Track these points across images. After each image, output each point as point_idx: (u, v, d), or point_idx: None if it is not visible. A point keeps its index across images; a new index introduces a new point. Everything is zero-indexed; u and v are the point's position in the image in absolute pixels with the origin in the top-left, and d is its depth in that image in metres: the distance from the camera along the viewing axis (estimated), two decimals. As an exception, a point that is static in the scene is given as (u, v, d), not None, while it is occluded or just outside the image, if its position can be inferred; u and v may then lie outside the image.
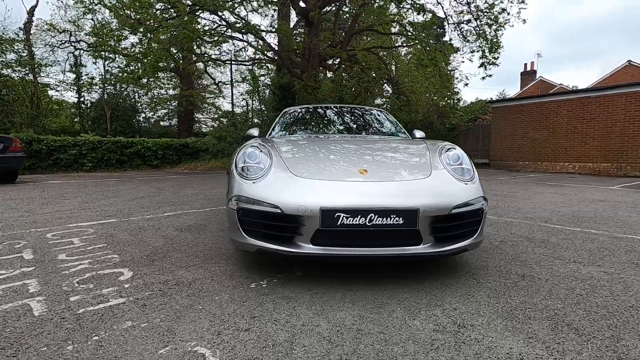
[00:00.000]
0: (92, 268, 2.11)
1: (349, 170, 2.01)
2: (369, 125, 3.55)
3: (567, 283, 1.93)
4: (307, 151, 2.40)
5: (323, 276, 1.99)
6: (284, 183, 1.91)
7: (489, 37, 10.83)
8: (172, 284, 1.87)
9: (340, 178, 1.91)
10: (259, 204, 1.84)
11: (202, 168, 12.04)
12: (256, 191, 1.88)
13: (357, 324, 1.46)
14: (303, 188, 1.85)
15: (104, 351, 1.25)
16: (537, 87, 27.61)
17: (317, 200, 1.75)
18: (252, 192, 1.89)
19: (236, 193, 1.94)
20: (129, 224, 3.33)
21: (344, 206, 1.71)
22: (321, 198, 1.76)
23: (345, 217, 1.71)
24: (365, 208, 1.71)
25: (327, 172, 1.99)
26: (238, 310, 1.58)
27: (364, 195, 1.77)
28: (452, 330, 1.42)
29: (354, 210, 1.71)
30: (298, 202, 1.76)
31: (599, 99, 11.17)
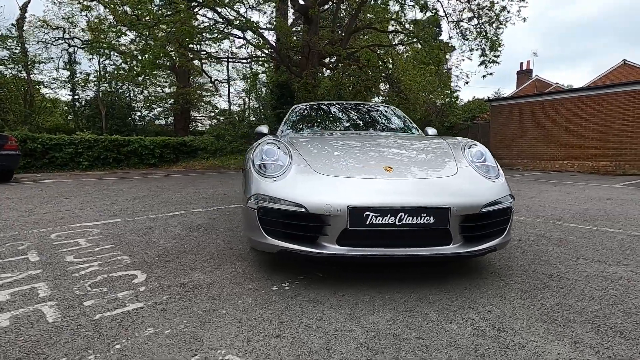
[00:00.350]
0: (103, 270, 2.01)
1: (373, 167, 1.93)
2: (381, 121, 3.47)
3: (598, 283, 1.87)
4: (325, 148, 2.32)
5: (345, 277, 1.92)
6: (307, 181, 1.83)
7: (490, 35, 10.81)
8: (190, 287, 1.79)
9: (366, 175, 1.84)
10: (281, 203, 1.76)
11: (200, 167, 11.90)
12: (278, 189, 1.80)
13: (393, 328, 1.39)
14: (328, 186, 1.77)
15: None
16: (533, 86, 27.75)
17: (344, 199, 1.67)
18: (273, 190, 1.81)
19: (256, 192, 1.86)
20: (134, 223, 3.23)
21: (373, 205, 1.64)
22: (348, 196, 1.68)
23: (375, 216, 1.63)
24: (395, 207, 1.64)
25: (351, 170, 1.91)
26: (264, 314, 1.50)
27: (393, 194, 1.70)
28: (493, 334, 1.35)
29: (383, 209, 1.63)
30: (324, 200, 1.68)
31: (597, 97, 11.22)
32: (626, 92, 10.64)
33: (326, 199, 1.69)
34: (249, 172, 2.04)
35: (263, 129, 3.35)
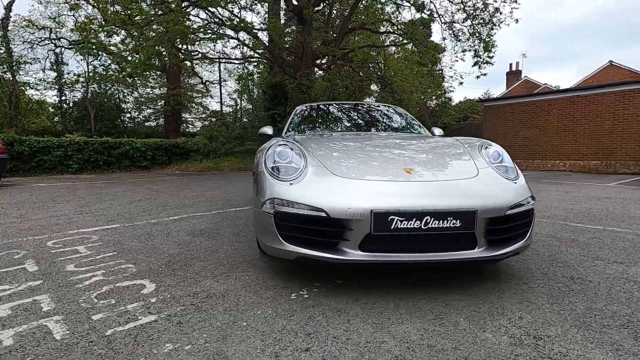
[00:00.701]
0: (109, 280, 1.91)
1: (393, 169, 1.87)
2: (388, 122, 3.41)
3: (621, 285, 1.84)
4: (338, 149, 2.25)
5: (364, 284, 1.85)
6: (326, 184, 1.76)
7: (483, 36, 10.89)
8: (204, 297, 1.70)
9: (387, 178, 1.77)
10: (300, 207, 1.68)
11: (193, 169, 11.71)
12: (296, 193, 1.72)
13: (426, 339, 1.32)
14: (349, 189, 1.70)
15: (151, 382, 1.07)
16: (523, 87, 28.15)
17: (367, 203, 1.60)
18: (290, 194, 1.73)
19: (271, 195, 1.77)
20: (134, 229, 3.11)
21: (398, 208, 1.57)
22: (371, 200, 1.61)
23: (400, 220, 1.57)
24: (420, 210, 1.57)
25: (370, 172, 1.84)
26: (288, 326, 1.42)
27: (417, 196, 1.64)
28: (531, 343, 1.30)
29: (409, 212, 1.57)
30: (346, 204, 1.61)
31: (588, 97, 11.40)
32: (616, 93, 10.83)
33: (348, 202, 1.61)
34: (261, 175, 1.96)
35: (267, 130, 3.27)
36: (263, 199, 1.82)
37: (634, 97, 10.55)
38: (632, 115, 10.62)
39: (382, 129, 3.27)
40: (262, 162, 2.03)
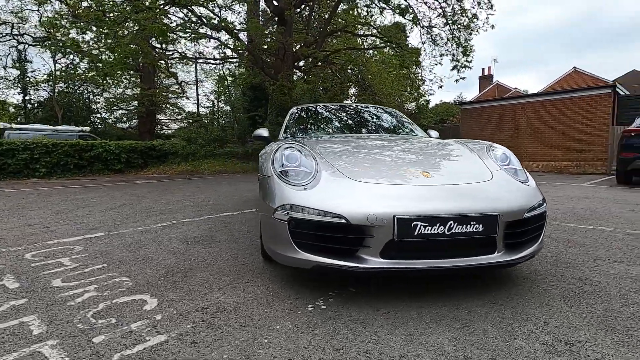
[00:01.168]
0: (104, 296, 1.74)
1: (409, 172, 1.82)
2: (390, 124, 3.38)
3: (630, 285, 1.87)
4: (348, 152, 2.18)
5: (380, 292, 1.79)
6: (343, 189, 1.68)
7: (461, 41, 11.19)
8: (214, 312, 1.57)
9: (406, 182, 1.72)
10: (317, 214, 1.59)
11: (172, 172, 11.30)
12: (312, 199, 1.64)
13: (461, 350, 1.27)
14: (368, 194, 1.63)
15: (177, 415, 0.96)
16: (494, 91, 29.22)
17: (389, 208, 1.54)
18: (306, 200, 1.64)
19: (284, 201, 1.68)
20: (121, 237, 2.91)
21: (422, 213, 1.52)
22: (393, 205, 1.55)
23: (423, 225, 1.51)
24: (444, 215, 1.53)
25: (387, 175, 1.78)
26: (313, 341, 1.33)
27: (440, 201, 1.59)
28: (565, 349, 1.27)
29: (433, 217, 1.52)
30: (367, 210, 1.54)
31: (558, 101, 11.95)
32: (584, 97, 11.41)
33: (369, 208, 1.55)
34: (270, 179, 1.86)
35: (263, 132, 3.16)
36: (274, 204, 1.72)
37: (600, 102, 11.15)
38: (598, 118, 11.21)
39: (384, 131, 3.23)
40: (269, 165, 1.93)
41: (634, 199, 5.11)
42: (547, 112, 12.21)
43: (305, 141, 2.42)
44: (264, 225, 1.90)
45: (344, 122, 3.38)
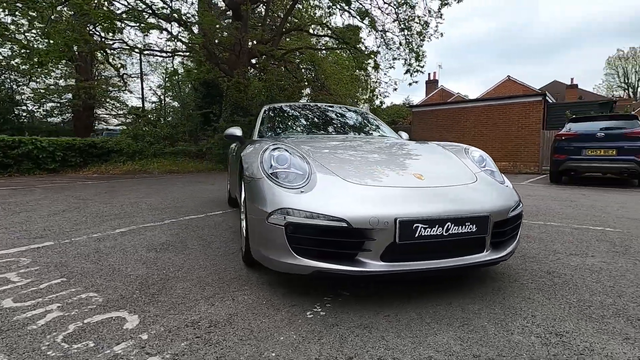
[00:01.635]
0: (71, 316, 1.53)
1: (402, 174, 1.83)
2: (365, 126, 3.39)
3: (590, 276, 2.07)
4: (336, 154, 2.14)
5: (375, 294, 1.78)
6: (340, 191, 1.65)
7: (414, 47, 11.72)
8: (207, 326, 1.46)
9: (402, 184, 1.73)
10: (316, 218, 1.54)
11: (117, 172, 10.41)
12: (310, 202, 1.58)
13: (468, 348, 1.31)
14: (368, 197, 1.61)
15: None
16: (440, 95, 31.10)
17: (390, 210, 1.54)
18: (304, 203, 1.58)
19: (280, 205, 1.60)
20: (75, 247, 2.59)
21: (422, 215, 1.54)
22: (394, 207, 1.55)
23: (424, 227, 1.53)
24: (444, 217, 1.56)
25: (381, 178, 1.78)
26: (324, 351, 1.28)
27: (437, 203, 1.62)
28: (557, 341, 1.36)
29: (432, 219, 1.54)
30: (368, 213, 1.52)
31: (498, 107, 13.02)
32: (520, 104, 12.57)
33: (371, 211, 1.53)
34: (260, 182, 1.76)
35: (236, 131, 3.01)
36: (268, 208, 1.64)
37: (532, 108, 12.35)
38: (531, 123, 12.42)
39: (361, 132, 3.24)
40: (257, 167, 1.84)
41: (568, 196, 5.71)
42: (488, 116, 13.26)
43: (289, 141, 2.34)
44: (254, 231, 1.80)
45: (321, 122, 3.34)
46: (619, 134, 7.02)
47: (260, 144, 2.09)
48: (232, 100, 12.43)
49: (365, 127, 3.36)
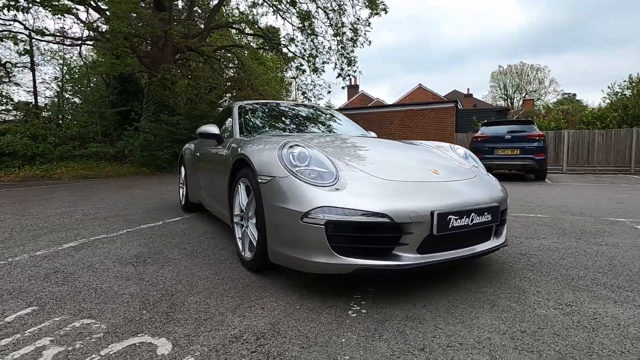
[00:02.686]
0: (79, 350, 1.25)
1: (420, 170, 1.91)
2: (340, 125, 3.41)
3: (554, 255, 2.42)
4: (346, 151, 2.12)
5: (398, 289, 1.83)
6: (374, 188, 1.65)
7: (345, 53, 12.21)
8: (254, 339, 1.33)
9: (424, 179, 1.80)
10: (358, 215, 1.52)
11: (10, 179, 8.67)
12: (349, 199, 1.56)
13: (511, 326, 1.43)
14: (403, 192, 1.65)
15: None
16: (360, 99, 32.90)
17: (426, 204, 1.60)
18: (344, 201, 1.55)
19: (318, 204, 1.54)
20: (21, 268, 2.11)
21: (453, 207, 1.63)
22: (429, 201, 1.62)
23: (455, 218, 1.63)
24: (470, 208, 1.68)
25: (404, 173, 1.83)
26: (393, 347, 1.27)
27: (461, 195, 1.74)
28: (571, 310, 1.57)
29: (461, 211, 1.65)
30: (409, 207, 1.56)
31: (419, 112, 14.34)
32: (437, 109, 14.03)
33: (411, 205, 1.57)
34: (285, 181, 1.67)
35: (212, 129, 2.78)
36: (304, 208, 1.56)
37: (447, 113, 13.91)
38: (446, 126, 13.96)
39: (340, 131, 3.25)
40: (278, 165, 1.74)
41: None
42: (411, 120, 14.51)
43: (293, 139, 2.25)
44: (279, 232, 1.69)
45: (301, 121, 3.27)
46: (521, 136, 8.32)
47: (270, 142, 1.98)
48: (155, 97, 11.38)
49: (340, 126, 3.39)
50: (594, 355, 1.22)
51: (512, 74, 48.26)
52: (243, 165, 2.13)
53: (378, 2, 10.86)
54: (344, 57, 12.26)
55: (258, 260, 1.91)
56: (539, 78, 46.50)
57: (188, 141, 4.06)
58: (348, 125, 3.47)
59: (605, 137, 12.42)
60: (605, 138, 12.42)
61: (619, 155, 12.22)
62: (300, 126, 3.18)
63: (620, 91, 17.41)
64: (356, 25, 11.62)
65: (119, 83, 13.17)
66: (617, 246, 2.63)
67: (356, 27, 11.54)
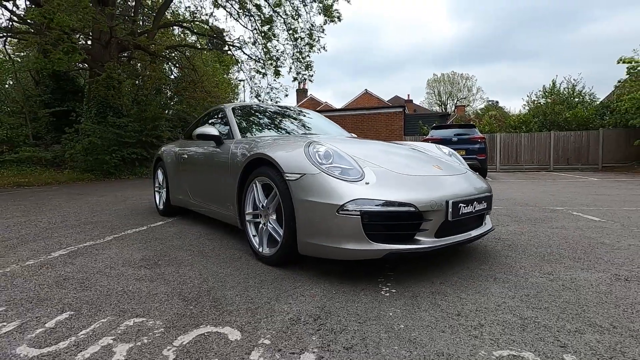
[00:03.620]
0: (150, 344, 1.28)
1: (425, 166, 2.17)
2: (325, 126, 3.59)
3: (521, 237, 2.84)
4: (359, 150, 2.30)
5: (413, 269, 2.06)
6: (396, 181, 1.87)
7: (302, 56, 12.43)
8: (313, 320, 1.46)
9: (432, 173, 2.06)
10: (389, 205, 1.73)
11: None
12: (380, 192, 1.75)
13: (523, 296, 1.72)
14: (421, 185, 1.88)
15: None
16: (309, 103, 33.37)
17: (440, 194, 1.85)
18: (376, 193, 1.74)
19: (354, 197, 1.72)
20: (25, 277, 1.96)
21: (462, 197, 1.91)
22: (442, 192, 1.87)
23: (463, 206, 1.90)
24: (472, 197, 1.97)
25: (417, 169, 2.07)
26: (438, 315, 1.49)
27: (465, 187, 2.02)
28: (552, 278, 1.93)
29: (468, 200, 1.93)
30: (429, 197, 1.80)
31: (370, 115, 15.05)
32: (387, 113, 14.85)
33: (431, 196, 1.81)
34: (317, 177, 1.82)
35: (211, 130, 2.79)
36: (340, 201, 1.72)
37: (396, 117, 14.79)
38: (395, 130, 14.84)
39: (332, 132, 3.43)
40: (307, 164, 1.89)
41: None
42: (362, 123, 15.17)
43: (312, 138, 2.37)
44: (312, 225, 1.82)
45: (297, 123, 3.38)
46: (466, 138, 9.22)
47: (291, 141, 2.10)
48: (99, 98, 10.54)
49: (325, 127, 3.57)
50: (583, 307, 1.55)
51: (445, 81, 52.25)
52: (259, 165, 2.22)
53: (333, 10, 11.29)
54: (299, 62, 12.49)
55: (283, 254, 2.02)
56: (467, 86, 50.99)
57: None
58: (334, 127, 3.67)
59: (530, 140, 14.18)
60: (530, 140, 14.17)
61: (541, 155, 14.03)
62: (294, 127, 3.31)
63: (536, 99, 20.00)
64: (312, 30, 11.93)
65: (53, 81, 11.96)
66: (565, 229, 3.16)
67: (312, 32, 11.85)
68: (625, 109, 12.53)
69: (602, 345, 1.25)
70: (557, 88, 19.40)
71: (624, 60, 11.71)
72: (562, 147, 13.80)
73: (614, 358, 1.17)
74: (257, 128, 3.11)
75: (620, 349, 1.22)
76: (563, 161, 13.79)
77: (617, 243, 2.62)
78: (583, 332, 1.34)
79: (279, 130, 3.20)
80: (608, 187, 6.87)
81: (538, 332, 1.34)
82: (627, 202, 4.76)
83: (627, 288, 1.77)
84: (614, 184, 7.56)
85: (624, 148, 13.21)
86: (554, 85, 19.69)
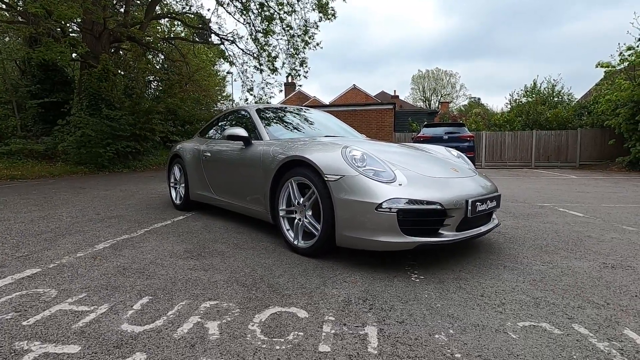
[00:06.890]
0: (234, 321, 1.51)
1: (444, 169, 2.45)
2: (341, 129, 3.83)
3: (518, 231, 3.19)
4: (385, 154, 2.55)
5: (433, 260, 2.35)
6: (424, 182, 2.14)
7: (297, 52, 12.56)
8: (363, 300, 1.72)
9: (451, 175, 2.35)
10: (419, 204, 2.00)
11: None
12: (412, 192, 2.02)
13: (537, 280, 2.04)
14: (445, 185, 2.17)
15: None
16: (298, 97, 33.36)
17: (461, 194, 2.14)
18: (408, 193, 2.01)
19: (389, 196, 1.98)
20: (86, 267, 2.14)
21: (478, 196, 2.20)
22: (462, 192, 2.16)
23: (479, 204, 2.20)
24: (486, 196, 2.27)
25: (437, 172, 2.35)
26: (464, 295, 1.78)
27: (479, 187, 2.32)
28: (552, 266, 2.26)
29: (483, 199, 2.23)
30: (453, 196, 2.09)
31: (362, 112, 15.33)
32: (378, 110, 15.16)
33: (453, 195, 2.10)
34: (356, 179, 2.08)
35: (241, 132, 2.99)
36: (378, 200, 1.98)
37: (387, 114, 15.12)
38: (386, 126, 15.18)
39: (350, 134, 3.68)
40: (346, 166, 2.13)
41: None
42: (354, 119, 15.42)
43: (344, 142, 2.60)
44: (353, 221, 2.07)
45: (319, 125, 3.61)
46: (456, 136, 9.64)
47: (326, 145, 2.35)
48: (91, 90, 10.39)
49: (345, 130, 3.82)
50: (581, 288, 1.88)
51: (430, 78, 52.98)
52: (295, 165, 2.45)
53: (328, 7, 11.45)
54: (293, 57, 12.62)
55: (320, 246, 2.27)
56: (451, 83, 51.92)
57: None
58: (348, 129, 3.92)
59: (514, 138, 14.82)
60: (514, 138, 14.81)
61: (523, 153, 14.70)
62: (314, 128, 3.54)
63: (518, 98, 20.80)
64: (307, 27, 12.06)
65: (40, 71, 11.67)
66: (555, 223, 3.53)
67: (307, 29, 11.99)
68: (602, 111, 13.29)
69: (601, 317, 1.57)
70: (538, 88, 20.25)
71: (602, 65, 12.40)
72: (544, 146, 14.51)
73: (611, 326, 1.48)
74: (280, 129, 3.32)
75: (615, 320, 1.54)
76: (544, 159, 14.51)
77: (602, 236, 2.99)
78: (584, 308, 1.65)
79: (300, 131, 3.42)
80: (587, 184, 7.40)
81: (549, 308, 1.65)
82: (605, 199, 5.23)
83: (614, 274, 2.11)
84: (592, 181, 8.13)
85: (600, 147, 14.01)
86: (535, 85, 20.54)
